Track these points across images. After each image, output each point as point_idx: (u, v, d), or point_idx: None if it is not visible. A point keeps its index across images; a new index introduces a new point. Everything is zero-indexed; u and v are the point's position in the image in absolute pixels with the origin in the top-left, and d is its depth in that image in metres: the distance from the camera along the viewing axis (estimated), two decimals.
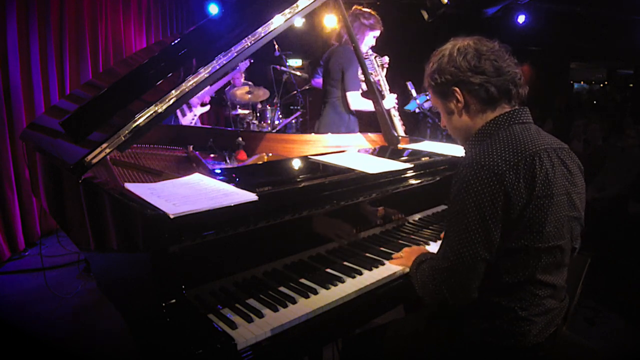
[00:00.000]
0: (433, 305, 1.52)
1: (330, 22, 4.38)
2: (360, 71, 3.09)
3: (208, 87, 5.10)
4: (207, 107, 5.20)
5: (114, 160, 2.08)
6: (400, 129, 3.29)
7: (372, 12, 3.24)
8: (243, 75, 5.51)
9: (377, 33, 3.27)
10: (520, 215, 1.18)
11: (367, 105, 3.21)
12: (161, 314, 1.17)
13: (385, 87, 3.32)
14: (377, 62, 3.32)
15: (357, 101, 3.25)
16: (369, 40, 3.26)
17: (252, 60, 5.11)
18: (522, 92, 1.32)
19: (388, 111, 3.25)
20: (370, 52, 3.33)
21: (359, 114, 3.39)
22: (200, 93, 4.97)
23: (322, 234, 1.58)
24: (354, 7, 3.27)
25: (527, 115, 1.31)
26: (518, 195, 1.16)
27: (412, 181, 1.87)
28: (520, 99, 1.32)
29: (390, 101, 3.27)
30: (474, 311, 1.29)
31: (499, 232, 1.18)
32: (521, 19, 7.48)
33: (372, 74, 3.24)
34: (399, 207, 1.86)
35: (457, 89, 1.31)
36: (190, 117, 5.01)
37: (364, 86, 3.27)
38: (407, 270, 1.51)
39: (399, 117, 3.34)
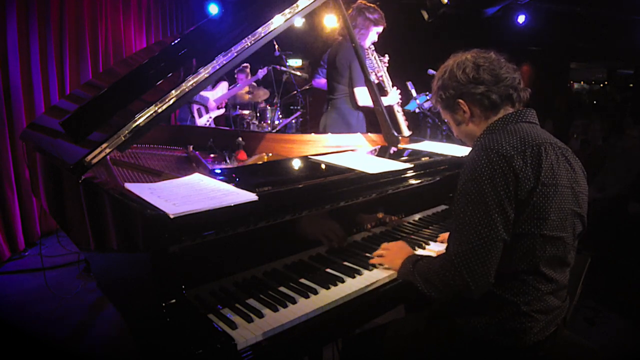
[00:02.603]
0: (433, 304, 1.52)
1: (330, 22, 4.38)
2: (369, 68, 3.06)
3: (226, 90, 5.29)
4: (222, 110, 5.33)
5: (114, 160, 2.08)
6: (403, 125, 3.28)
7: (377, 7, 3.19)
8: (249, 75, 5.53)
9: (380, 29, 3.22)
10: (528, 198, 1.21)
11: None
12: (161, 314, 1.17)
13: (388, 82, 3.30)
14: (379, 62, 3.31)
15: (365, 97, 3.17)
16: (372, 36, 3.21)
17: (268, 69, 5.18)
18: (523, 95, 1.38)
19: (391, 108, 3.23)
20: (372, 47, 3.30)
21: (366, 113, 3.36)
22: (218, 97, 5.12)
23: (322, 234, 1.58)
24: (358, 1, 3.22)
25: (534, 117, 1.37)
26: (526, 177, 1.21)
27: (412, 181, 1.87)
28: (522, 101, 1.39)
29: (393, 97, 3.25)
30: (477, 305, 1.29)
31: (513, 211, 1.22)
32: (521, 19, 7.48)
33: (372, 72, 3.23)
34: (399, 207, 1.86)
35: (461, 100, 1.39)
36: (206, 119, 5.08)
37: (375, 80, 3.23)
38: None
39: (402, 113, 3.32)
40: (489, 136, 1.32)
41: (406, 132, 3.30)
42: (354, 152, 2.21)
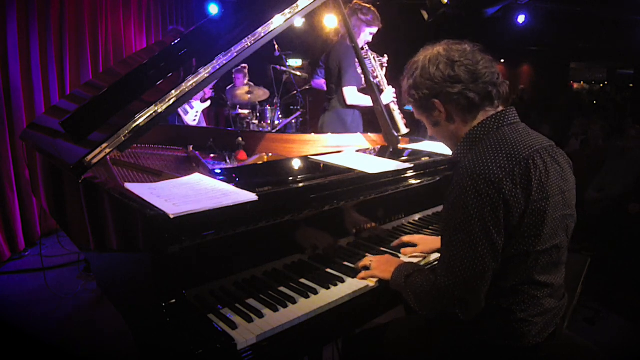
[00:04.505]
0: None
1: (330, 22, 4.38)
2: (359, 68, 3.08)
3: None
4: (208, 103, 5.22)
5: (114, 160, 2.08)
6: (401, 123, 3.27)
7: (372, 8, 3.19)
8: (247, 76, 5.50)
9: (374, 30, 3.23)
10: (520, 221, 1.17)
11: (364, 101, 3.20)
12: (161, 314, 1.17)
13: (383, 82, 3.31)
14: (375, 61, 3.31)
15: (353, 96, 3.22)
16: (365, 36, 3.23)
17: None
18: (502, 91, 1.29)
19: (387, 106, 3.24)
20: (366, 47, 3.31)
21: (363, 113, 3.36)
22: None
23: (322, 234, 1.58)
24: (354, 2, 3.24)
25: (515, 116, 1.29)
26: (516, 202, 1.15)
27: (412, 181, 1.87)
28: (502, 97, 1.30)
29: (388, 95, 3.25)
30: None
31: (503, 240, 1.17)
32: (521, 19, 7.49)
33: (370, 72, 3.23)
34: (399, 207, 1.85)
35: (437, 101, 1.29)
36: (193, 115, 5.02)
37: (364, 81, 3.24)
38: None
39: (399, 111, 3.32)
40: (472, 153, 1.23)
41: (404, 129, 3.30)
42: (353, 152, 2.21)
